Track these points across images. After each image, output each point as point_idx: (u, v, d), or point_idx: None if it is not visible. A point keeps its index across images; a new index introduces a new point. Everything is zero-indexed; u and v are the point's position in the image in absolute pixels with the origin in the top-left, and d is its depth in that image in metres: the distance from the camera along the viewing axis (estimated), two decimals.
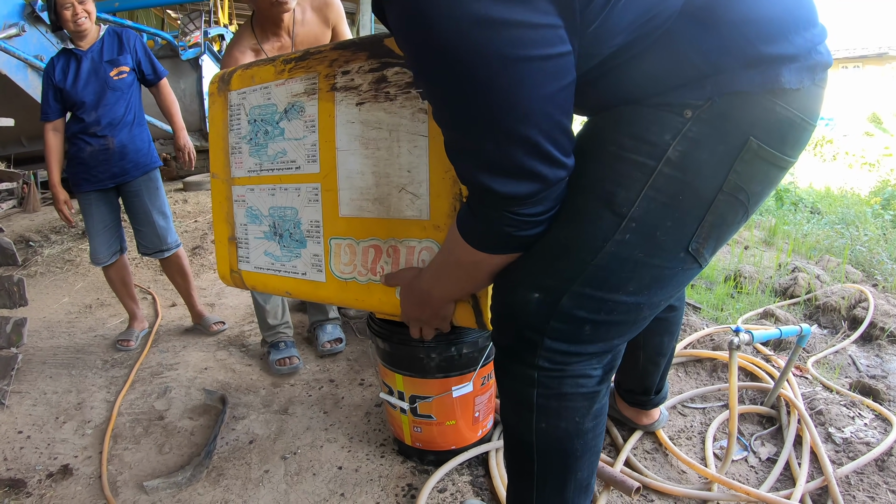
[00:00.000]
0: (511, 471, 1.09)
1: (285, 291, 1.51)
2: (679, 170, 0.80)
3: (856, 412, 1.84)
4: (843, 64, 20.67)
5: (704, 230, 0.84)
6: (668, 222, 0.83)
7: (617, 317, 0.90)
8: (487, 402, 1.62)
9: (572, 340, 0.91)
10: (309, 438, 1.79)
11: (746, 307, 2.74)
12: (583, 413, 0.95)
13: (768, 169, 0.83)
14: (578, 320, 0.89)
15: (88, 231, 2.51)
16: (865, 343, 2.47)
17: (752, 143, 0.79)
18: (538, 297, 0.90)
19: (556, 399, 0.94)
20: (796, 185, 6.75)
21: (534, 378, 0.93)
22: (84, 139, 2.39)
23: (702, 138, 0.79)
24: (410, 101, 1.19)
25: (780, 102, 0.78)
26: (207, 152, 1.67)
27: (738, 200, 0.83)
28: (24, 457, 1.78)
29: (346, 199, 1.32)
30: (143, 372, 2.30)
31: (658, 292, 0.90)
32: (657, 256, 0.85)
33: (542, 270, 0.90)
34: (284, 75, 1.38)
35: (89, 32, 2.36)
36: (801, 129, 0.82)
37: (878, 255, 3.62)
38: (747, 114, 0.78)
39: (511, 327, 0.95)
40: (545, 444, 0.97)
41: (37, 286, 3.50)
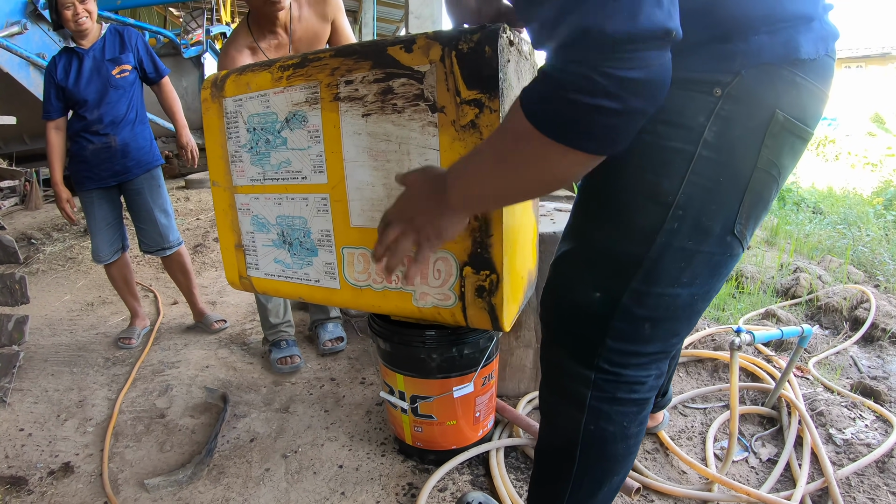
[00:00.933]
0: (544, 469, 1.08)
1: (299, 297, 1.52)
2: (716, 151, 0.81)
3: (857, 413, 1.84)
4: (847, 64, 20.59)
5: (745, 210, 0.85)
6: (712, 206, 0.84)
7: (674, 312, 0.91)
8: (488, 402, 1.62)
9: (633, 340, 0.91)
10: (310, 437, 1.79)
11: (748, 307, 2.74)
12: (631, 419, 0.96)
13: (794, 141, 0.84)
14: (639, 319, 0.89)
15: (90, 229, 2.51)
16: (867, 344, 2.46)
17: (778, 116, 0.80)
18: (599, 297, 0.90)
19: (609, 403, 0.94)
20: (799, 185, 6.74)
21: (590, 379, 0.93)
22: (86, 137, 2.39)
23: (733, 116, 0.80)
24: (419, 114, 1.18)
25: (799, 73, 0.80)
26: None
27: (770, 176, 0.84)
28: (25, 454, 1.79)
29: (357, 210, 1.32)
30: (144, 370, 2.30)
31: (709, 281, 0.90)
32: (705, 243, 0.86)
33: (600, 269, 0.90)
34: (283, 83, 1.36)
35: (91, 31, 2.36)
36: (818, 100, 0.84)
37: (881, 256, 3.61)
38: (772, 87, 0.79)
39: (572, 327, 0.95)
40: (590, 446, 0.97)
41: (39, 284, 3.50)
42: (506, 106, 1.11)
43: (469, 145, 1.14)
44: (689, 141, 0.81)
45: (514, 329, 1.80)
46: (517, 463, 1.64)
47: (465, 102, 1.12)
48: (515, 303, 1.31)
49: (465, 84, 1.11)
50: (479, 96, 1.11)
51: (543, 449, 1.08)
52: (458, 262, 1.22)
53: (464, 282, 1.23)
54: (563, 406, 0.98)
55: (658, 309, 0.89)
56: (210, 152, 1.57)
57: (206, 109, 1.54)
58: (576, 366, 0.94)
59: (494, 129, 1.01)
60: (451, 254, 1.21)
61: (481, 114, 1.12)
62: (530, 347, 1.86)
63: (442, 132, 1.16)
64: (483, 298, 1.22)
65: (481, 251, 1.19)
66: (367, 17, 7.01)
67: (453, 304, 1.26)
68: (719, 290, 0.95)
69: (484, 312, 1.23)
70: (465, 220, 0.95)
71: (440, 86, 1.15)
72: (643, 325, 0.90)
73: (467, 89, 1.11)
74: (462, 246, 1.20)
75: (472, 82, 1.11)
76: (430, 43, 1.14)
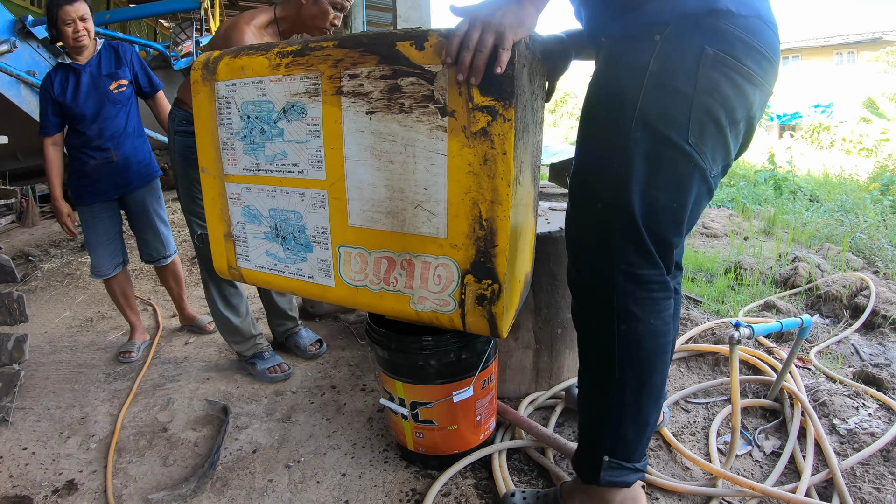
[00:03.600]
0: (591, 387, 1.21)
1: (291, 291, 1.49)
2: (658, 77, 1.04)
3: (860, 402, 1.84)
4: (838, 50, 20.59)
5: (695, 126, 1.05)
6: (664, 118, 1.04)
7: (658, 214, 1.09)
8: (489, 405, 1.62)
9: (636, 240, 1.09)
10: (312, 446, 1.79)
11: (747, 299, 2.73)
12: (655, 314, 1.13)
13: (732, 75, 1.04)
14: (634, 218, 1.08)
15: (90, 244, 2.51)
16: (868, 331, 2.46)
17: (707, 51, 1.02)
18: (601, 207, 1.10)
19: (632, 302, 1.11)
20: (794, 174, 6.75)
21: (614, 284, 1.11)
22: (87, 153, 2.40)
23: (670, 52, 1.03)
24: (428, 117, 1.13)
25: (722, 21, 1.02)
26: None
27: (714, 100, 1.04)
28: (29, 473, 1.78)
29: (357, 210, 1.28)
30: (145, 384, 2.30)
31: (679, 190, 1.09)
32: (666, 147, 1.06)
33: (595, 184, 1.12)
34: (280, 70, 1.30)
35: (88, 48, 2.37)
36: (749, 47, 1.04)
37: (879, 242, 3.61)
38: (698, 30, 1.03)
39: (588, 242, 1.14)
40: (625, 346, 1.13)
41: (37, 301, 3.49)
42: (519, 114, 1.09)
43: (479, 154, 1.11)
44: (639, 73, 1.05)
45: (512, 331, 1.80)
46: (520, 465, 1.64)
47: (478, 108, 1.09)
48: (513, 308, 1.30)
49: (479, 89, 1.08)
50: (492, 103, 1.07)
51: (587, 367, 1.21)
52: (459, 270, 1.20)
53: (464, 289, 1.21)
54: (596, 317, 1.15)
55: (647, 207, 1.08)
56: (199, 138, 1.51)
57: (197, 92, 1.47)
58: (599, 277, 1.13)
59: (506, 134, 1.07)
60: (452, 260, 1.20)
61: (494, 121, 1.08)
62: (529, 348, 1.86)
63: (451, 137, 1.13)
64: (483, 307, 1.21)
65: (485, 260, 1.17)
66: (357, 21, 7.00)
67: (452, 310, 1.24)
68: (692, 207, 1.13)
69: (483, 320, 1.22)
70: (539, 12, 1.07)
71: (452, 89, 1.10)
72: (637, 223, 1.08)
73: (480, 95, 1.08)
74: (465, 254, 1.18)
75: (486, 88, 1.07)
76: (443, 42, 1.09)
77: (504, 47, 1.01)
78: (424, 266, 1.23)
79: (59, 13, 2.27)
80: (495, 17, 1.01)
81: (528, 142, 1.22)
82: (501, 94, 1.06)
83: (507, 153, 1.09)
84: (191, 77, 1.48)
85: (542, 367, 1.90)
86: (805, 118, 13.78)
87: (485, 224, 1.15)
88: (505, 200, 1.12)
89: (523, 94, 1.10)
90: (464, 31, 1.03)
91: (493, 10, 1.02)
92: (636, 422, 1.19)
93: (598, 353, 1.17)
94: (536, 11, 1.05)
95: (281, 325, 2.50)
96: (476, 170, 1.12)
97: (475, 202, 1.14)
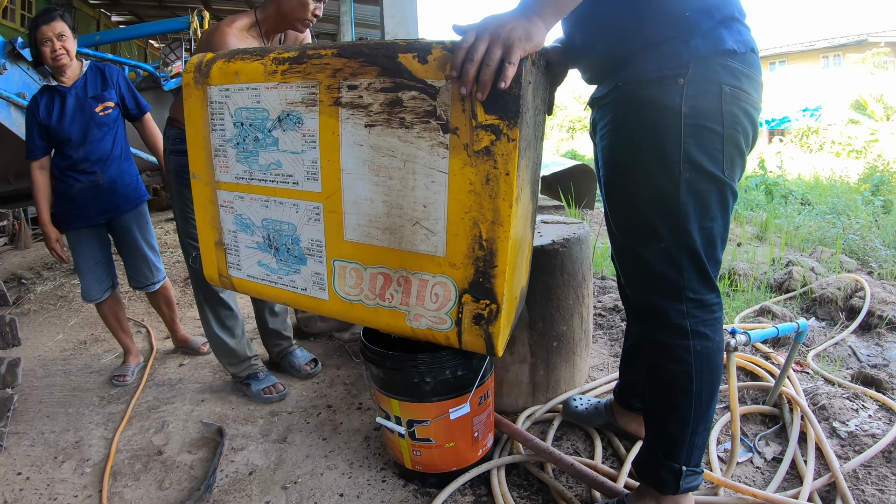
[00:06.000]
0: (667, 399, 1.29)
1: (283, 302, 1.47)
2: (693, 118, 1.11)
3: (859, 404, 1.84)
4: (824, 54, 20.76)
5: (728, 159, 1.15)
6: (705, 155, 1.13)
7: (715, 240, 1.20)
8: (486, 421, 1.60)
9: (699, 269, 1.20)
10: (309, 466, 1.77)
11: (742, 305, 2.73)
12: (719, 333, 1.26)
13: (745, 106, 1.14)
14: (697, 251, 1.18)
15: (78, 268, 2.49)
16: (864, 332, 2.47)
17: (725, 89, 1.12)
18: (665, 246, 1.19)
19: (703, 324, 1.23)
20: (785, 178, 6.78)
21: (685, 311, 1.22)
22: (73, 176, 2.37)
23: (696, 93, 1.11)
24: (429, 133, 1.10)
25: (728, 60, 1.12)
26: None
27: (737, 132, 1.14)
28: (24, 499, 1.75)
29: (353, 224, 1.25)
30: (139, 407, 2.27)
31: (724, 214, 1.20)
32: (712, 182, 1.15)
33: (655, 228, 1.19)
34: (276, 77, 1.25)
35: (69, 68, 2.34)
36: (750, 78, 1.15)
37: (872, 243, 3.63)
38: (713, 71, 1.11)
39: (658, 277, 1.22)
40: (701, 363, 1.23)
41: (31, 324, 3.47)
42: (523, 133, 1.06)
43: (482, 173, 1.09)
44: (675, 116, 1.11)
45: (508, 345, 1.78)
46: (519, 480, 1.62)
47: (482, 127, 1.06)
48: (509, 326, 1.29)
49: (483, 107, 1.04)
50: (497, 122, 1.04)
51: (663, 381, 1.28)
52: (457, 289, 1.19)
53: (462, 308, 1.19)
54: (674, 339, 1.23)
55: (706, 239, 1.19)
56: (191, 143, 1.46)
57: (188, 95, 1.42)
58: (672, 304, 1.22)
59: (510, 154, 1.05)
60: (450, 279, 1.18)
61: (497, 141, 1.05)
62: (525, 363, 1.85)
63: (453, 155, 1.10)
64: (480, 326, 1.19)
65: (483, 281, 1.15)
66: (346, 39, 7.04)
67: (448, 329, 1.23)
68: (729, 225, 1.25)
69: (480, 339, 1.20)
70: (549, 28, 1.06)
71: (455, 105, 1.07)
72: (700, 255, 1.19)
73: (485, 113, 1.04)
74: (463, 273, 1.17)
75: (490, 105, 1.04)
76: (447, 56, 1.05)
77: (511, 61, 0.99)
78: (421, 284, 1.21)
79: (37, 33, 2.25)
80: (504, 30, 0.99)
81: (529, 159, 1.21)
82: (507, 112, 1.03)
83: (511, 173, 1.07)
84: (183, 80, 1.44)
85: (538, 380, 1.89)
86: (794, 122, 13.87)
87: (485, 244, 1.13)
88: (506, 221, 1.10)
89: (528, 111, 1.08)
90: (469, 43, 1.01)
91: (501, 23, 1.00)
92: (706, 429, 1.30)
93: (676, 372, 1.25)
94: (546, 27, 1.04)
95: (276, 345, 2.48)
96: (477, 189, 1.10)
97: (476, 222, 1.12)
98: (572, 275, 1.83)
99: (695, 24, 1.12)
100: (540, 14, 1.02)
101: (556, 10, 1.05)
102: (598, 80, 1.33)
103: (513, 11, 1.03)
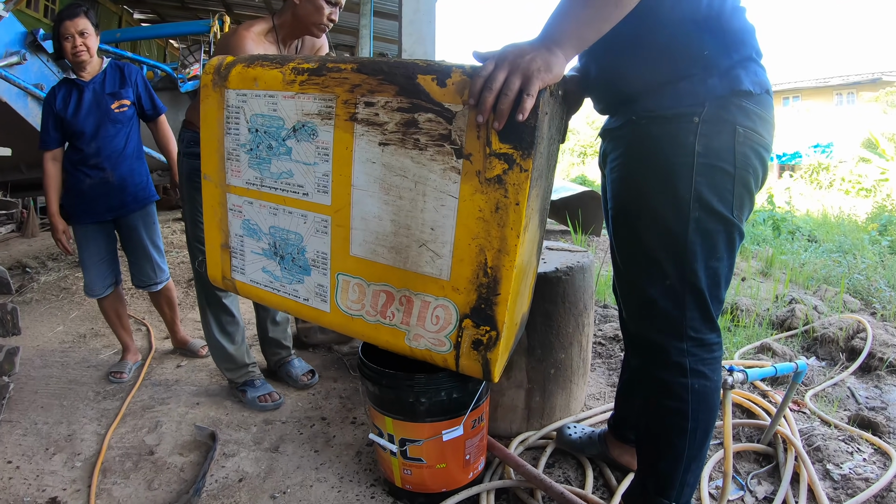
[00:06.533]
0: (662, 436, 1.29)
1: (284, 310, 1.48)
2: (706, 157, 1.12)
3: (854, 447, 1.83)
4: (838, 91, 20.83)
5: (737, 199, 1.15)
6: (715, 196, 1.14)
7: (720, 280, 1.21)
8: (478, 444, 1.60)
9: (701, 308, 1.20)
10: (299, 478, 1.76)
11: (743, 341, 2.72)
12: (718, 372, 1.27)
13: (757, 148, 1.15)
14: (701, 290, 1.18)
15: (82, 262, 2.50)
16: (864, 374, 2.45)
17: (738, 129, 1.12)
18: (670, 283, 1.19)
19: (702, 363, 1.23)
20: (793, 214, 6.77)
21: (685, 349, 1.22)
22: (83, 171, 2.40)
23: (710, 133, 1.11)
24: (443, 157, 1.10)
25: (743, 101, 1.12)
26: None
27: (748, 173, 1.15)
28: (12, 487, 1.75)
29: (359, 240, 1.26)
30: (134, 405, 2.27)
31: (731, 253, 1.21)
32: (721, 222, 1.16)
33: (661, 266, 1.19)
34: (294, 87, 1.26)
35: (89, 64, 2.38)
36: (763, 120, 1.15)
37: (877, 283, 3.61)
38: (728, 111, 1.12)
39: (661, 315, 1.22)
40: (698, 401, 1.23)
41: (32, 313, 3.48)
42: (536, 164, 1.06)
43: (491, 201, 1.08)
44: (689, 154, 1.12)
45: (505, 370, 1.77)
46: None
47: (495, 155, 1.05)
48: (507, 352, 1.29)
49: (499, 135, 1.04)
50: (510, 151, 1.04)
51: (659, 417, 1.28)
52: (458, 313, 1.19)
53: (461, 333, 1.20)
54: (672, 377, 1.23)
55: (711, 279, 1.19)
56: (205, 144, 1.47)
57: (206, 97, 1.42)
58: (673, 342, 1.22)
59: (521, 184, 1.04)
60: (452, 303, 1.18)
61: (510, 170, 1.05)
62: (522, 388, 1.85)
63: (464, 181, 1.09)
64: (479, 351, 1.20)
65: (485, 307, 1.15)
66: (364, 52, 7.08)
67: (447, 351, 1.23)
68: (734, 265, 1.25)
69: (477, 364, 1.21)
70: (569, 60, 1.05)
71: (470, 131, 1.06)
72: (704, 294, 1.19)
73: (500, 141, 1.04)
74: (466, 298, 1.17)
75: (506, 134, 1.03)
76: (466, 81, 1.05)
77: (529, 93, 0.98)
78: (423, 305, 1.22)
79: (60, 28, 2.29)
80: (523, 60, 0.98)
81: (540, 188, 1.21)
82: (521, 143, 1.02)
83: (520, 203, 1.07)
84: (201, 80, 1.45)
85: (533, 406, 1.89)
86: (805, 158, 13.88)
87: (489, 272, 1.13)
88: (512, 251, 1.10)
89: (542, 142, 1.07)
90: (489, 72, 1.00)
91: (521, 53, 0.99)
92: (699, 467, 1.31)
93: (672, 409, 1.25)
94: (566, 58, 1.03)
95: (275, 353, 2.48)
96: (486, 217, 1.10)
97: (482, 249, 1.12)
98: (574, 303, 1.84)
99: (713, 63, 1.12)
100: (560, 45, 1.01)
101: (578, 43, 1.04)
102: (612, 112, 1.33)
103: (533, 41, 1.02)
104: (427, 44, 3.33)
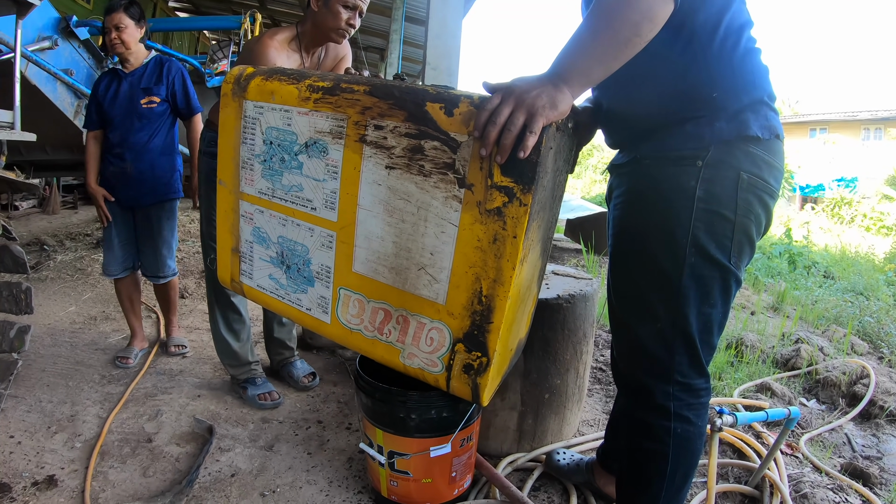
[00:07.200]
0: (642, 475, 1.29)
1: (287, 316, 1.51)
2: (706, 202, 1.11)
3: (843, 497, 1.81)
4: (866, 126, 20.51)
5: (736, 247, 1.15)
6: (713, 242, 1.13)
7: (712, 326, 1.20)
8: (466, 462, 1.62)
9: (691, 353, 1.20)
10: (290, 478, 1.79)
11: (745, 377, 2.71)
12: (703, 418, 1.26)
13: (761, 195, 1.14)
14: (691, 335, 1.18)
15: (105, 241, 2.58)
16: (864, 421, 2.43)
17: (742, 175, 1.11)
18: (660, 326, 1.19)
19: (687, 408, 1.23)
20: (811, 248, 6.70)
21: (670, 393, 1.22)
22: (108, 158, 2.49)
23: (713, 177, 1.11)
24: (445, 185, 1.12)
25: (751, 147, 1.11)
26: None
27: (749, 220, 1.14)
28: (12, 461, 1.80)
29: (362, 258, 1.29)
30: (137, 392, 2.32)
31: (725, 300, 1.20)
32: (716, 269, 1.15)
33: (653, 308, 1.19)
34: (309, 104, 1.29)
35: (126, 58, 2.46)
36: (771, 166, 1.14)
37: (887, 327, 3.57)
38: (734, 156, 1.10)
39: (648, 357, 1.22)
40: (679, 445, 1.23)
41: (45, 291, 3.55)
42: (537, 198, 1.07)
43: (490, 232, 1.10)
44: (689, 198, 1.11)
45: (499, 391, 1.80)
46: None
47: (496, 187, 1.06)
48: (499, 377, 1.31)
49: (501, 168, 1.05)
50: (511, 185, 1.05)
51: (640, 458, 1.29)
52: (452, 337, 1.21)
53: (454, 356, 1.22)
54: (656, 419, 1.24)
55: (702, 325, 1.18)
56: (221, 150, 1.51)
57: (225, 105, 1.46)
58: (659, 385, 1.22)
59: (520, 218, 1.06)
60: (446, 327, 1.21)
61: (510, 203, 1.06)
62: (515, 410, 1.86)
63: (465, 210, 1.11)
64: (469, 375, 1.22)
65: (478, 334, 1.17)
66: (393, 56, 7.12)
67: (438, 372, 1.26)
68: (729, 311, 1.25)
69: (467, 387, 1.23)
70: (576, 97, 1.05)
71: (474, 162, 1.08)
72: (694, 340, 1.18)
73: (501, 174, 1.05)
74: (460, 323, 1.19)
75: (508, 168, 1.04)
76: (473, 112, 1.06)
77: (532, 130, 0.97)
78: (419, 326, 1.24)
79: (105, 20, 2.40)
80: (529, 96, 0.98)
81: (542, 220, 1.21)
82: (522, 178, 1.03)
83: (518, 237, 1.08)
84: (221, 89, 1.49)
85: (525, 429, 1.90)
86: (828, 191, 13.72)
87: (484, 300, 1.14)
88: (507, 282, 1.12)
89: (546, 175, 1.08)
90: (494, 105, 1.00)
91: (528, 88, 0.99)
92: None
93: (653, 451, 1.25)
94: (573, 95, 1.03)
95: (278, 353, 2.52)
96: (484, 247, 1.12)
97: (478, 277, 1.14)
98: (573, 331, 1.85)
99: (721, 105, 1.10)
100: (568, 82, 1.00)
101: (585, 80, 1.03)
102: (621, 147, 1.34)
103: (542, 76, 1.02)
104: (452, 58, 3.35)
